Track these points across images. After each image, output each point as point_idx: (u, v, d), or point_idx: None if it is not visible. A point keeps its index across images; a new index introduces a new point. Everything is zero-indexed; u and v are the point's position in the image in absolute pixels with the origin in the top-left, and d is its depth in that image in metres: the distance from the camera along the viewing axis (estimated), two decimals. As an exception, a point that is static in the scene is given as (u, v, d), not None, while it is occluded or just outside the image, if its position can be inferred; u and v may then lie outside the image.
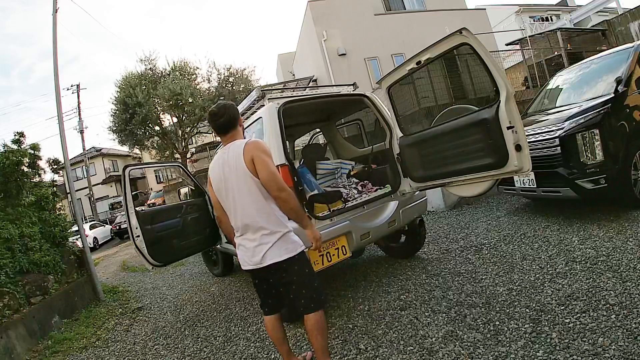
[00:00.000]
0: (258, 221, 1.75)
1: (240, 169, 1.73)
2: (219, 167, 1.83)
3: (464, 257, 3.25)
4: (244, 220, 1.77)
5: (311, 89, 3.34)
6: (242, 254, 1.85)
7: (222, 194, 1.85)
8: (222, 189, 1.83)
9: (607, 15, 16.52)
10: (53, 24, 5.19)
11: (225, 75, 17.02)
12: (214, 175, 1.87)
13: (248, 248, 1.79)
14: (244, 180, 1.73)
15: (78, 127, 19.72)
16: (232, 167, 1.76)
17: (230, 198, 1.80)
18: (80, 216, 5.46)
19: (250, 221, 1.76)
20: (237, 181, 1.75)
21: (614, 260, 2.44)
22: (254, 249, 1.77)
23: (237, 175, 1.74)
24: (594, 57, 4.25)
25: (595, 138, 3.08)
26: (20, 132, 4.67)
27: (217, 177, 1.83)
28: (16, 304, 3.47)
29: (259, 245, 1.76)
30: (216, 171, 1.84)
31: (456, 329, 2.10)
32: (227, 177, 1.78)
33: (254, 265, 1.79)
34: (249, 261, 1.81)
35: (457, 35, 2.15)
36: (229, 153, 1.79)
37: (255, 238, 1.77)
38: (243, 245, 1.83)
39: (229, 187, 1.78)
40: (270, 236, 1.75)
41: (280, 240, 1.76)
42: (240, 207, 1.77)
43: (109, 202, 25.34)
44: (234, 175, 1.75)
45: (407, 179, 2.95)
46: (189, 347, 2.78)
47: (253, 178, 1.72)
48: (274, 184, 1.71)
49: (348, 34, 12.84)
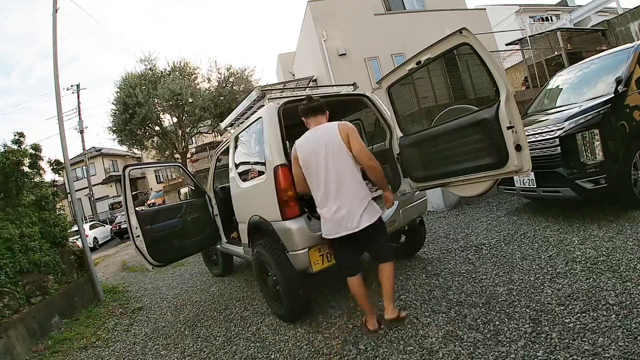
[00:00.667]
0: (351, 187, 2.09)
1: (336, 143, 2.09)
2: (308, 142, 2.16)
3: (464, 257, 3.25)
4: (338, 188, 2.08)
5: (311, 89, 3.34)
6: (332, 225, 2.12)
7: (311, 167, 2.14)
8: (312, 162, 2.13)
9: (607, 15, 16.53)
10: (53, 24, 5.19)
11: (225, 75, 17.01)
12: (304, 150, 2.17)
13: (341, 216, 2.08)
14: (339, 152, 2.09)
15: (78, 127, 19.72)
16: (326, 142, 2.09)
17: (321, 169, 2.11)
18: (80, 216, 5.46)
19: (343, 188, 2.08)
20: (333, 154, 2.09)
21: (614, 260, 2.44)
22: (348, 216, 2.08)
23: (333, 149, 2.08)
24: (594, 57, 4.25)
25: (595, 138, 3.08)
26: (20, 132, 4.67)
27: (307, 151, 2.15)
28: (16, 304, 3.47)
29: (351, 211, 2.07)
30: (306, 147, 2.16)
31: (456, 329, 2.10)
32: (317, 152, 2.10)
33: (349, 230, 2.08)
34: (342, 229, 2.09)
35: (457, 35, 2.15)
36: (320, 132, 2.15)
37: (346, 204, 2.08)
38: (329, 214, 2.11)
39: (319, 161, 2.11)
40: (362, 202, 2.10)
41: (369, 206, 2.12)
42: (335, 175, 2.09)
43: (109, 202, 25.34)
44: (329, 149, 2.08)
45: (407, 179, 2.95)
46: (189, 347, 2.78)
47: (347, 151, 2.09)
48: (366, 155, 2.11)
49: (348, 34, 12.83)
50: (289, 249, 2.49)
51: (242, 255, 3.53)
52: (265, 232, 2.74)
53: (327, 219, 2.15)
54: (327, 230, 2.18)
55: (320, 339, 2.37)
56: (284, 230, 2.47)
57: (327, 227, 2.17)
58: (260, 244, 2.78)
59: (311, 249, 2.45)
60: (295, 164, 2.24)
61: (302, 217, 2.46)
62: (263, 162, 2.69)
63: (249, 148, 3.17)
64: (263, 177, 2.69)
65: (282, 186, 2.45)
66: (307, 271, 2.51)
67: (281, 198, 2.46)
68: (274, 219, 2.56)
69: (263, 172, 2.70)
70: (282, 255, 2.54)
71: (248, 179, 3.12)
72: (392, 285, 2.21)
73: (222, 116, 12.93)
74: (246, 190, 3.08)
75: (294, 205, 2.46)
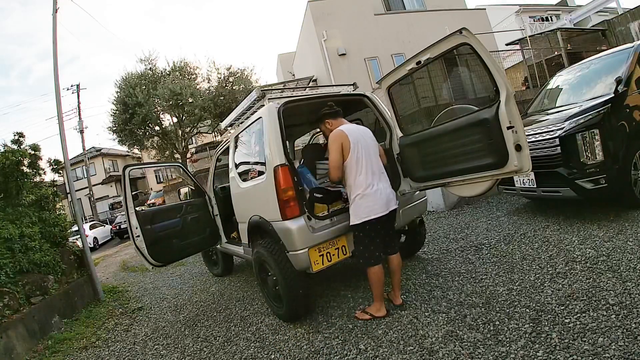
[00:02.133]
0: (384, 172, 2.48)
1: (370, 136, 2.53)
2: (354, 131, 2.44)
3: (464, 257, 3.25)
4: (380, 171, 2.44)
5: (311, 89, 3.34)
6: (380, 203, 2.33)
7: (360, 150, 2.37)
8: (360, 146, 2.38)
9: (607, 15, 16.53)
10: (53, 24, 5.19)
11: (225, 75, 17.00)
12: (353, 134, 2.41)
13: (387, 194, 2.38)
14: (374, 146, 2.50)
15: (78, 127, 19.71)
16: (364, 135, 2.47)
17: (369, 152, 2.41)
18: (80, 216, 5.46)
19: (383, 174, 2.47)
20: (373, 146, 2.48)
21: (614, 260, 2.44)
22: (392, 194, 2.44)
23: (371, 142, 2.49)
24: (594, 57, 4.25)
25: (595, 138, 3.07)
26: (19, 133, 4.67)
27: (356, 137, 2.40)
28: (16, 304, 3.46)
29: (392, 192, 2.44)
30: (355, 133, 2.43)
31: (456, 329, 2.10)
32: (363, 139, 2.43)
33: (390, 208, 2.39)
34: (389, 205, 2.38)
35: (457, 35, 2.15)
36: (356, 127, 2.54)
37: (388, 186, 2.45)
38: (377, 192, 2.34)
39: (367, 145, 2.43)
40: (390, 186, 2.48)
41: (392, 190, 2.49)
42: (377, 161, 2.45)
43: (109, 202, 25.35)
44: (369, 142, 2.46)
45: (407, 179, 2.95)
46: (189, 347, 2.78)
47: (378, 148, 2.57)
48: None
49: (348, 34, 12.83)
50: (289, 249, 2.49)
51: (242, 255, 3.53)
52: (265, 232, 2.73)
53: (376, 197, 2.33)
54: (370, 209, 2.32)
55: (320, 339, 2.37)
56: (284, 230, 2.47)
57: (372, 205, 2.32)
58: (260, 244, 2.77)
59: (311, 249, 2.44)
60: (337, 150, 2.37)
61: (302, 217, 2.46)
62: (263, 162, 2.69)
63: (249, 148, 3.17)
64: (263, 177, 2.69)
65: (282, 186, 2.45)
66: (307, 271, 2.51)
67: (281, 198, 2.45)
68: (274, 218, 2.56)
69: (263, 172, 2.70)
70: (282, 255, 2.54)
71: (248, 179, 3.12)
72: (399, 277, 2.60)
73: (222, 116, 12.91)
74: (246, 190, 3.08)
75: (294, 205, 2.46)
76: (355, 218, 2.35)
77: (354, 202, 2.37)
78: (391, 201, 2.40)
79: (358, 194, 2.34)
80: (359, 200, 2.34)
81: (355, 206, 2.36)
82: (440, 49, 2.30)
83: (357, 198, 2.35)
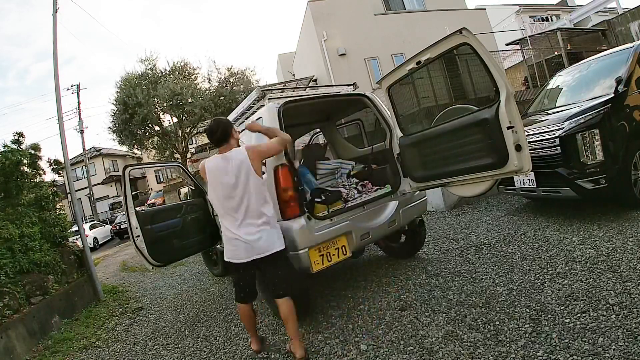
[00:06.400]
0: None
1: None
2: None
3: (464, 257, 3.25)
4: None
5: (311, 89, 3.34)
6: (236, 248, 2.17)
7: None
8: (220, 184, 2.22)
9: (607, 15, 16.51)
10: (53, 24, 5.19)
11: (225, 75, 17.03)
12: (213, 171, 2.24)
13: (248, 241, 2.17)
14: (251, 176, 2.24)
15: (78, 127, 19.72)
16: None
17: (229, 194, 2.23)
18: (80, 216, 5.46)
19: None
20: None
21: (614, 260, 2.44)
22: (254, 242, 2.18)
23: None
24: (594, 57, 4.25)
25: (595, 138, 3.08)
26: (19, 133, 4.67)
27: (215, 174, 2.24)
28: (16, 304, 3.46)
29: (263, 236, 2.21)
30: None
31: (456, 329, 2.10)
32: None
33: (249, 258, 2.16)
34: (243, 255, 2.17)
35: (457, 35, 2.15)
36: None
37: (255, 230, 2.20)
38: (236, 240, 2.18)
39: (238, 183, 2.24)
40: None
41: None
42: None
43: (109, 202, 25.33)
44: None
45: (407, 179, 2.95)
46: (189, 347, 2.78)
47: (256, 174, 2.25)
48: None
49: (348, 34, 12.82)
50: (289, 249, 2.48)
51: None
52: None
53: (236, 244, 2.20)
54: (233, 253, 2.20)
55: (320, 338, 2.37)
56: (284, 230, 2.47)
57: (233, 250, 2.20)
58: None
59: (311, 249, 2.44)
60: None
61: (302, 217, 2.46)
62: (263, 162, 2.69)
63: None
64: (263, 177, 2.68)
65: (282, 186, 2.45)
66: (307, 271, 2.51)
67: (281, 198, 2.46)
68: (274, 219, 2.56)
69: (263, 172, 2.70)
70: (282, 255, 2.53)
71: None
72: (294, 322, 2.18)
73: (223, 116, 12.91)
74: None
75: (294, 205, 2.45)
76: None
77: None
78: (258, 249, 2.13)
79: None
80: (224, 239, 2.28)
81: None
82: (440, 49, 2.30)
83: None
